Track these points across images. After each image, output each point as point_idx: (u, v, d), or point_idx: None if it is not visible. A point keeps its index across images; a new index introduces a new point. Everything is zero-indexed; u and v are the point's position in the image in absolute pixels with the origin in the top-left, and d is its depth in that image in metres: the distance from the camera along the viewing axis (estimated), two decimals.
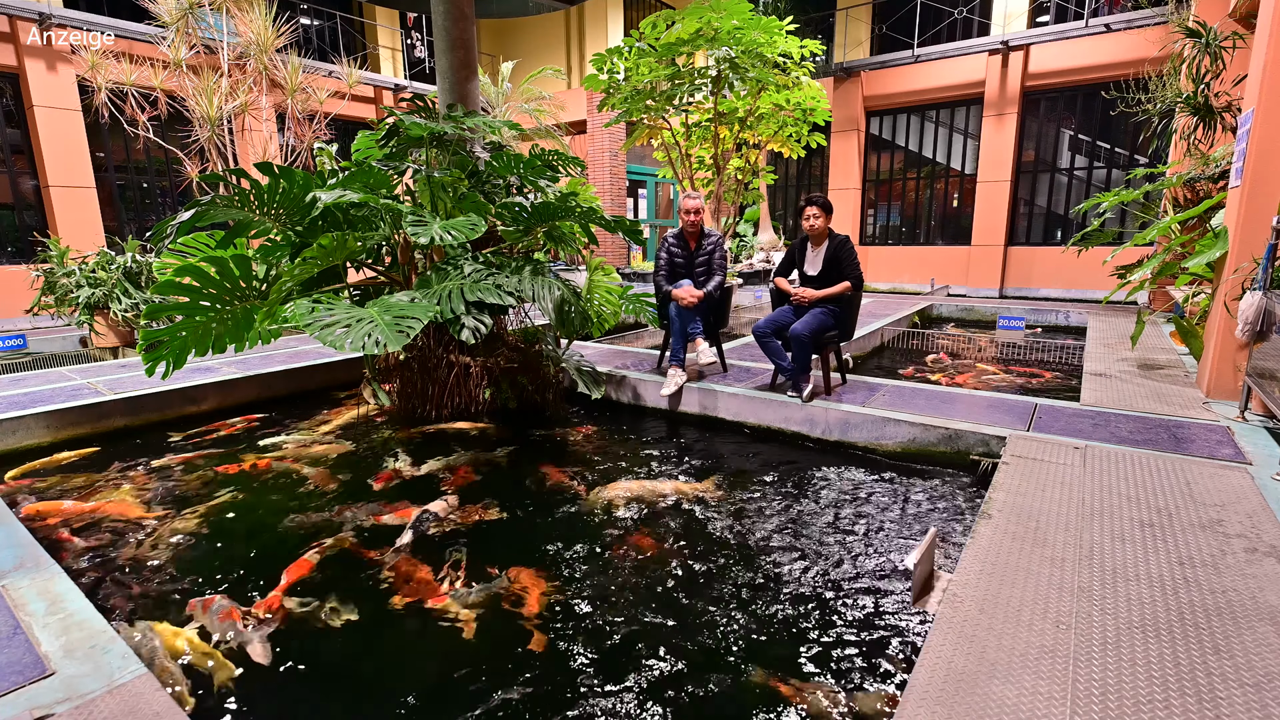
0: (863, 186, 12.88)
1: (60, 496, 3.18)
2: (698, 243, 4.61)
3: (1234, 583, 2.02)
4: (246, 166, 9.05)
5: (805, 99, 8.29)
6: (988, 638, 1.76)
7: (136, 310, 6.25)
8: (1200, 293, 5.28)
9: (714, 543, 2.78)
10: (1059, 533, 2.35)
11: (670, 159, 8.89)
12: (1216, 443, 3.26)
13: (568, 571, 2.56)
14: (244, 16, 8.34)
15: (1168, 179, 5.90)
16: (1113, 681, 1.59)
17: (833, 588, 2.43)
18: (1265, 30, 3.73)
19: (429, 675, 1.99)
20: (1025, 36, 10.46)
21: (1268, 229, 3.45)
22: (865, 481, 3.40)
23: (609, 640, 2.13)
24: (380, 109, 12.10)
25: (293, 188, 3.36)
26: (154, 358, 3.27)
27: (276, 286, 3.23)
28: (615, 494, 3.23)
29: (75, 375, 4.82)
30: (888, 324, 7.54)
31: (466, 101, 5.01)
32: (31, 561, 2.21)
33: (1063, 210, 11.10)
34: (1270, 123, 3.66)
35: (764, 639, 2.13)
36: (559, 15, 14.73)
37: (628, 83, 8.03)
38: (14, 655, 1.72)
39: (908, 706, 1.52)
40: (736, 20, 7.14)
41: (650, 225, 15.07)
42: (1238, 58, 5.61)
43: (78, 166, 8.85)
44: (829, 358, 4.23)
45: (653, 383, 4.59)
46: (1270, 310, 3.37)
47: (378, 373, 4.40)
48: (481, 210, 3.82)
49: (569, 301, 3.86)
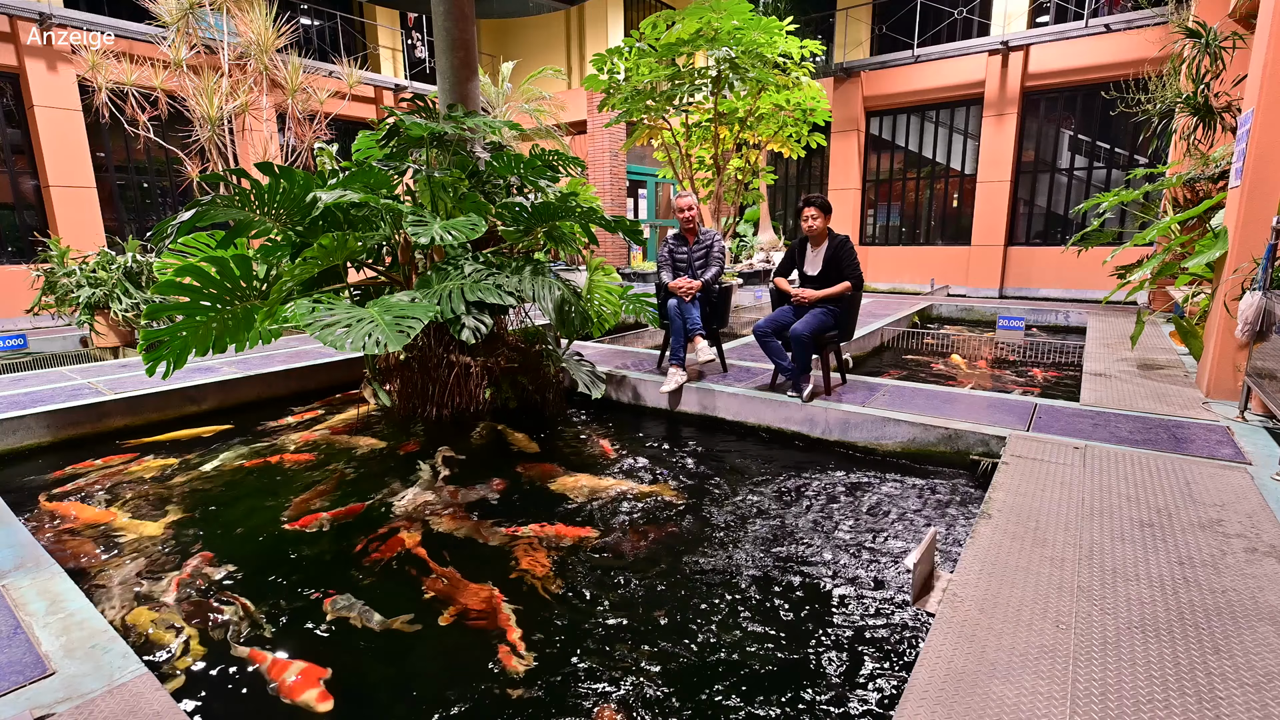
0: (863, 187, 12.88)
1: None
2: (695, 239, 4.66)
3: (1234, 583, 2.02)
4: (247, 166, 9.05)
5: (805, 99, 8.31)
6: (988, 637, 1.76)
7: (137, 310, 6.26)
8: (1200, 293, 5.28)
9: (713, 542, 2.78)
10: (1059, 533, 2.35)
11: (670, 159, 8.90)
12: (1216, 443, 3.26)
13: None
14: (244, 16, 8.34)
15: (1167, 179, 5.90)
16: (1113, 681, 1.60)
17: (833, 587, 2.43)
18: (1265, 30, 3.73)
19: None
20: (1025, 37, 10.46)
21: (1268, 229, 3.45)
22: (865, 481, 3.40)
23: (613, 641, 2.13)
24: (380, 109, 12.11)
25: (293, 188, 3.36)
26: (154, 358, 3.26)
27: (277, 286, 3.23)
28: (608, 489, 3.23)
29: (75, 375, 4.83)
30: (888, 324, 7.54)
31: (467, 101, 5.01)
32: (31, 561, 2.21)
33: (1063, 210, 11.10)
34: (1270, 123, 3.66)
35: (763, 639, 2.13)
36: (559, 15, 14.73)
37: (628, 83, 8.04)
38: (14, 655, 1.72)
39: (908, 706, 1.52)
40: (736, 20, 7.15)
41: (650, 225, 15.06)
42: (1238, 58, 5.61)
43: (78, 166, 8.86)
44: (829, 358, 4.23)
45: (653, 382, 4.59)
46: (1270, 310, 3.37)
47: (378, 373, 4.40)
48: (482, 210, 3.83)
49: (569, 301, 3.86)
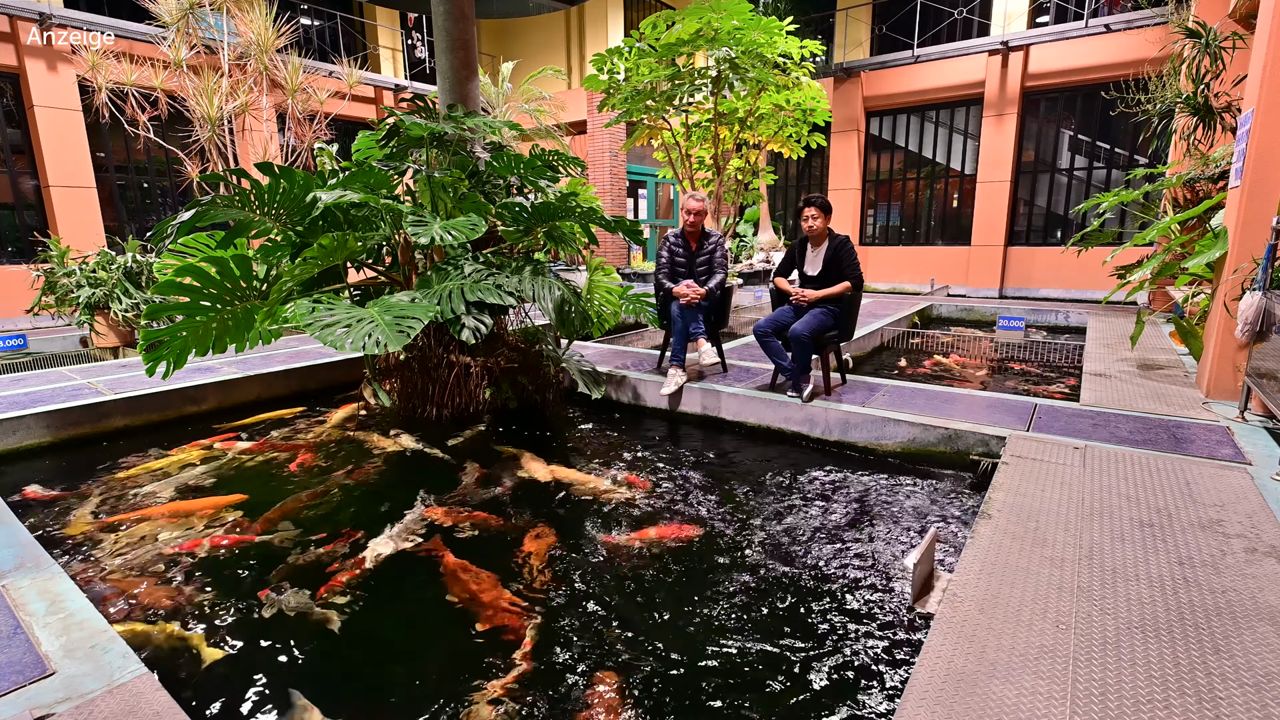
0: (863, 187, 12.87)
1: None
2: (699, 243, 4.61)
3: (1234, 583, 2.02)
4: (247, 166, 9.05)
5: (805, 99, 8.30)
6: (988, 638, 1.76)
7: (137, 310, 6.26)
8: (1200, 293, 5.28)
9: (713, 542, 2.78)
10: (1059, 533, 2.35)
11: (670, 159, 8.90)
12: (1216, 443, 3.26)
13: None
14: (244, 16, 8.34)
15: (1167, 179, 5.90)
16: (1112, 681, 1.60)
17: (833, 587, 2.43)
18: (1265, 30, 3.73)
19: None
20: (1025, 37, 10.46)
21: (1268, 229, 3.45)
22: (865, 481, 3.39)
23: (607, 632, 2.13)
24: (380, 109, 12.10)
25: (293, 188, 3.36)
26: (154, 358, 3.27)
27: (277, 286, 3.23)
28: (601, 490, 3.24)
29: (75, 375, 4.82)
30: (888, 324, 7.54)
31: (467, 102, 5.01)
32: (31, 561, 2.21)
33: (1063, 210, 11.10)
34: (1270, 123, 3.66)
35: (763, 638, 2.13)
36: (559, 15, 14.73)
37: (628, 83, 8.04)
38: (14, 655, 1.72)
39: (908, 706, 1.52)
40: (736, 20, 7.15)
41: (650, 225, 15.06)
42: (1238, 58, 5.61)
43: (78, 166, 8.85)
44: (829, 358, 4.23)
45: (653, 383, 4.59)
46: (1270, 310, 3.37)
47: (378, 373, 4.40)
48: (482, 210, 3.83)
49: (569, 301, 3.86)
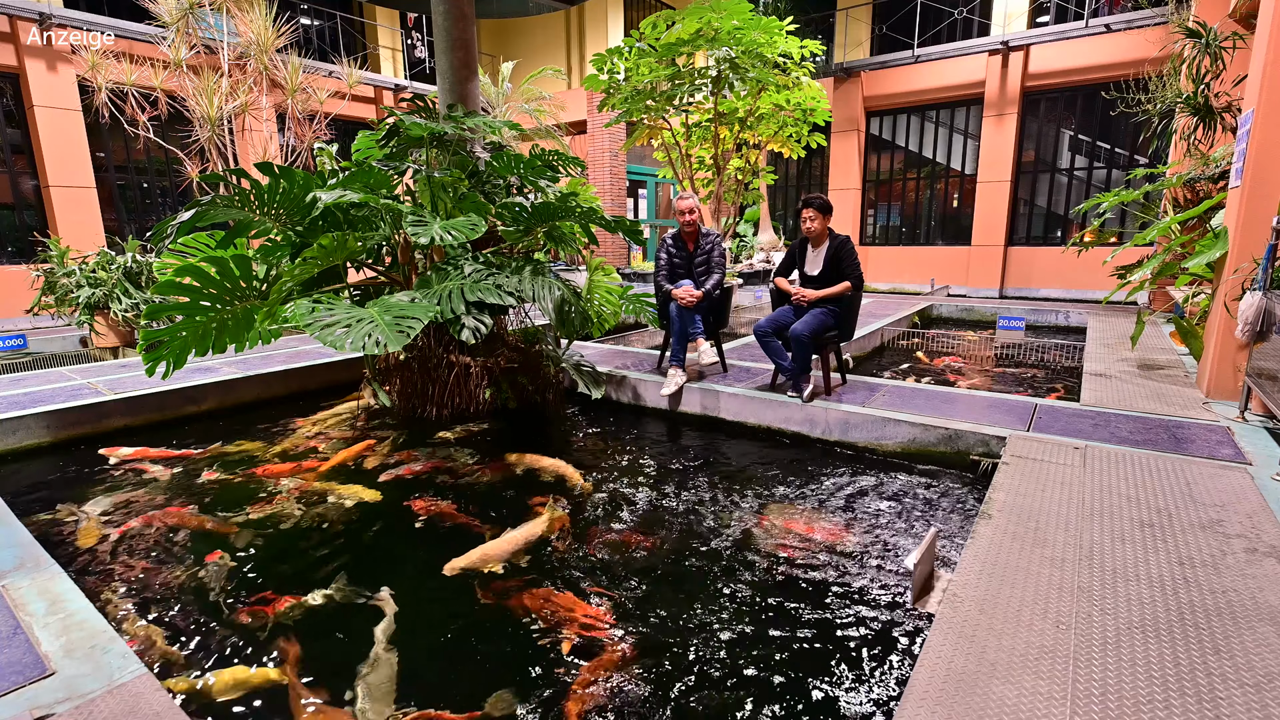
0: (863, 187, 12.87)
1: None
2: (696, 243, 4.60)
3: (1234, 583, 2.02)
4: (247, 166, 9.05)
5: (805, 99, 8.30)
6: (988, 638, 1.76)
7: (137, 310, 6.25)
8: (1200, 293, 5.28)
9: (713, 542, 2.78)
10: (1059, 533, 2.35)
11: (670, 159, 8.90)
12: (1216, 443, 3.26)
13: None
14: (244, 16, 8.34)
15: (1168, 179, 5.90)
16: (1113, 681, 1.60)
17: (832, 587, 2.43)
18: (1265, 30, 3.73)
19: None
20: (1025, 37, 10.45)
21: (1268, 229, 3.45)
22: (865, 481, 3.39)
23: (608, 633, 2.13)
24: (380, 109, 12.10)
25: (293, 188, 3.36)
26: (154, 358, 3.27)
27: (277, 286, 3.23)
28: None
29: (75, 375, 4.82)
30: (888, 324, 7.54)
31: (467, 101, 5.01)
32: (31, 561, 2.21)
33: (1063, 210, 11.10)
34: (1270, 123, 3.66)
35: (762, 638, 2.13)
36: (559, 15, 14.72)
37: (628, 83, 8.03)
38: (14, 655, 1.72)
39: (908, 706, 1.52)
40: (736, 20, 7.14)
41: (650, 225, 15.06)
42: (1238, 58, 5.61)
43: (78, 166, 8.85)
44: (829, 358, 4.23)
45: (653, 383, 4.59)
46: (1270, 310, 3.37)
47: (378, 373, 4.40)
48: (482, 210, 3.82)
49: (569, 301, 3.86)
